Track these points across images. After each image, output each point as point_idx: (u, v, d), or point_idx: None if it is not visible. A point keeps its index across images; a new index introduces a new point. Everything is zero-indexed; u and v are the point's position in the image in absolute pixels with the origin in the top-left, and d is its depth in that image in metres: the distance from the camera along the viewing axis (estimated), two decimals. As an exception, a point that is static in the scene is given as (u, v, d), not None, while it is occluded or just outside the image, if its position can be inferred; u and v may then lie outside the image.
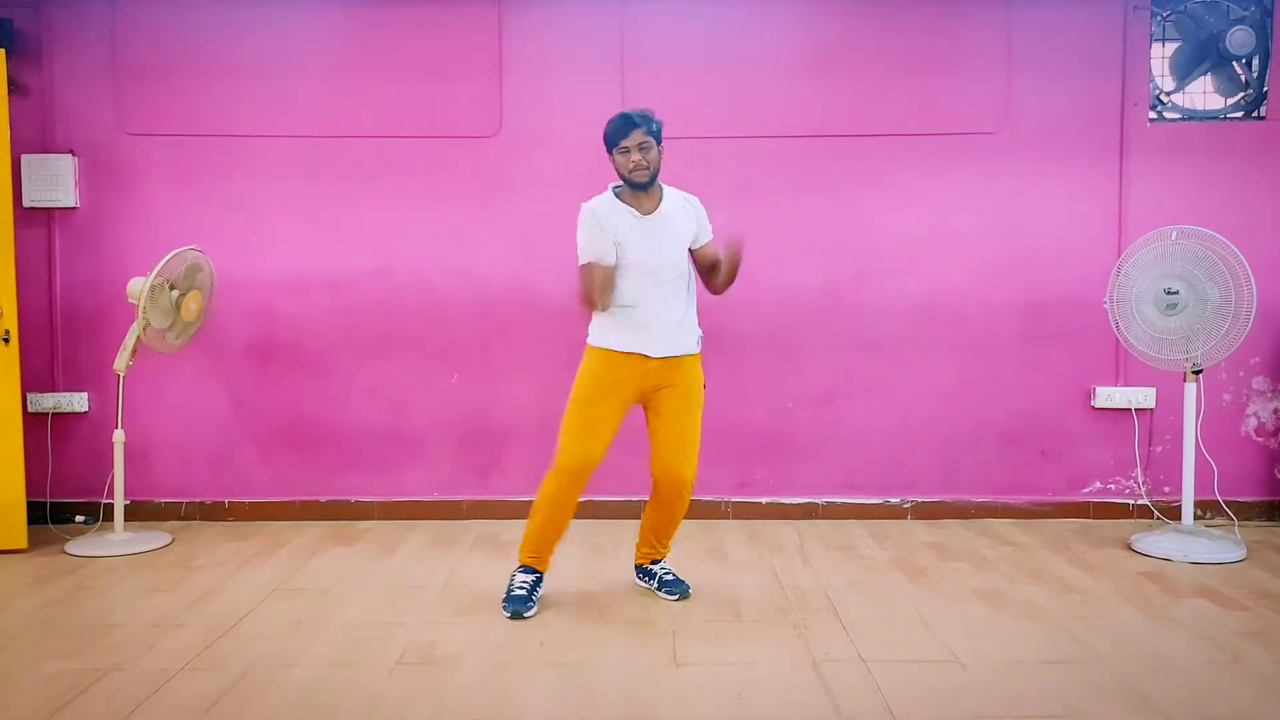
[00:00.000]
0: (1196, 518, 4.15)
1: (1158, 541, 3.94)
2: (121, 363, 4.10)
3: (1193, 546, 3.86)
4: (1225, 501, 4.33)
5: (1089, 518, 4.48)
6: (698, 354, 3.35)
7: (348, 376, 4.50)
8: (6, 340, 3.96)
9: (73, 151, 4.40)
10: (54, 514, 4.42)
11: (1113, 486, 4.51)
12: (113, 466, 4.17)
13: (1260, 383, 4.46)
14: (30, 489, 4.17)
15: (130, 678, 2.73)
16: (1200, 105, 4.47)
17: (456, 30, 4.42)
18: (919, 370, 4.48)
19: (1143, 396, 4.43)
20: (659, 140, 3.16)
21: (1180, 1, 4.39)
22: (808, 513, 4.51)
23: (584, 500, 4.32)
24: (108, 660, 2.85)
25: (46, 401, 4.44)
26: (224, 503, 4.52)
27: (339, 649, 2.94)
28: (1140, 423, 4.47)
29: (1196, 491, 4.07)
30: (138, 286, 3.99)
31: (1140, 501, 4.48)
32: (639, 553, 3.53)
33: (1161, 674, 2.74)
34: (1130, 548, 4.00)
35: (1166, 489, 4.46)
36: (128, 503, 4.28)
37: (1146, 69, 4.42)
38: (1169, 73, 4.45)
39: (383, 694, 2.62)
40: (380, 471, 4.53)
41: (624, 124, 3.12)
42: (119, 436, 4.13)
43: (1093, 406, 4.47)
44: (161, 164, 4.44)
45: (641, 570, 3.54)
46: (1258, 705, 2.55)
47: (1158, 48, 4.45)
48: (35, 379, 4.43)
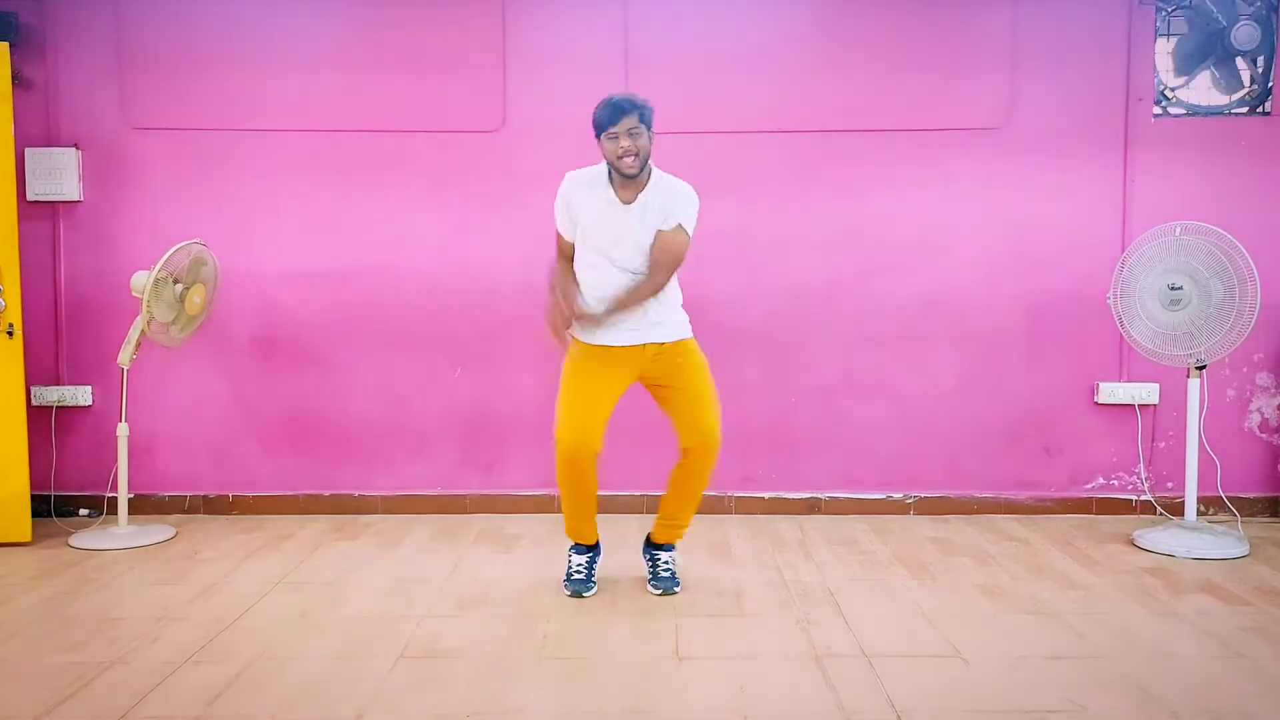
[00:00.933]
0: (1199, 513, 4.15)
1: (1161, 537, 3.94)
2: (125, 356, 4.10)
3: (1196, 542, 3.86)
4: (1228, 497, 4.33)
5: (1092, 513, 4.48)
6: (690, 338, 3.30)
7: (351, 370, 4.50)
8: (11, 334, 3.97)
9: (77, 145, 4.40)
10: (58, 507, 4.43)
11: (1116, 482, 4.50)
12: (116, 460, 4.18)
13: (1264, 379, 4.46)
14: (34, 482, 4.18)
15: (134, 670, 2.74)
16: (1205, 101, 4.45)
17: (461, 24, 4.42)
18: (922, 366, 4.48)
19: (1146, 392, 4.43)
20: (650, 127, 3.10)
21: (1185, -4, 4.39)
22: (811, 508, 4.51)
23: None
24: (111, 653, 2.86)
25: (50, 395, 4.44)
26: (228, 496, 4.53)
27: (342, 642, 2.95)
28: (1143, 418, 4.46)
29: (1200, 487, 4.07)
30: (142, 280, 4.00)
31: (1143, 497, 4.48)
32: (658, 526, 3.45)
33: (1164, 669, 2.74)
34: (1133, 543, 4.00)
35: (1169, 485, 4.46)
36: (131, 496, 4.30)
37: (1151, 64, 4.41)
38: (1172, 66, 4.44)
39: (386, 687, 2.63)
40: (383, 465, 4.53)
41: (615, 109, 3.06)
42: (123, 430, 4.14)
43: (1096, 402, 4.46)
44: (166, 158, 4.44)
45: (650, 547, 3.47)
46: (1260, 700, 2.55)
47: (1162, 42, 4.44)
48: (39, 372, 4.44)
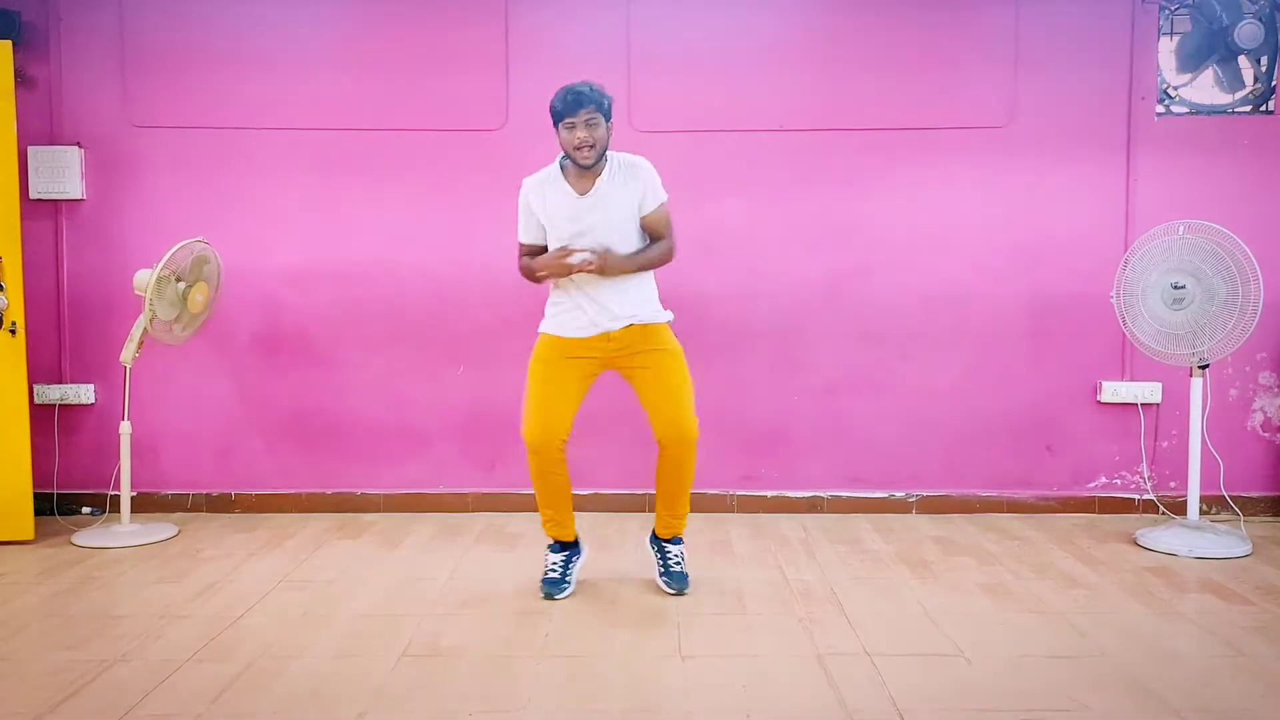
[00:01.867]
0: (1202, 513, 4.14)
1: (1163, 536, 3.94)
2: (128, 355, 4.11)
3: (1198, 541, 3.86)
4: (1231, 497, 4.32)
5: (1094, 512, 4.48)
6: (664, 324, 3.28)
7: (354, 369, 4.50)
8: (14, 332, 3.97)
9: (79, 143, 4.40)
10: (60, 505, 4.44)
11: (1118, 481, 4.50)
12: (119, 458, 4.18)
13: (1267, 378, 4.45)
14: (37, 480, 4.19)
15: (136, 668, 2.74)
16: (1208, 100, 4.45)
17: (463, 23, 4.42)
18: (924, 364, 4.48)
19: (1149, 391, 4.43)
20: (608, 117, 3.09)
21: (1189, -6, 4.38)
22: (813, 506, 4.51)
23: (588, 493, 4.40)
24: (114, 651, 2.86)
25: (53, 393, 4.45)
26: (230, 494, 4.53)
27: (345, 641, 2.96)
28: (1146, 418, 4.46)
29: (1202, 487, 4.06)
30: (144, 278, 4.00)
31: (1146, 496, 4.48)
32: (658, 521, 3.44)
33: (1166, 668, 2.74)
34: (1136, 543, 4.00)
35: (1172, 484, 4.45)
36: (134, 494, 4.30)
37: (1154, 63, 4.41)
38: (1175, 65, 4.43)
39: (388, 685, 2.63)
40: (386, 464, 4.54)
41: (573, 98, 3.03)
42: (125, 428, 4.14)
43: (1099, 401, 4.46)
44: (168, 156, 4.44)
45: (656, 541, 3.47)
46: (1263, 699, 2.55)
47: (1165, 41, 4.43)
48: (42, 371, 4.44)
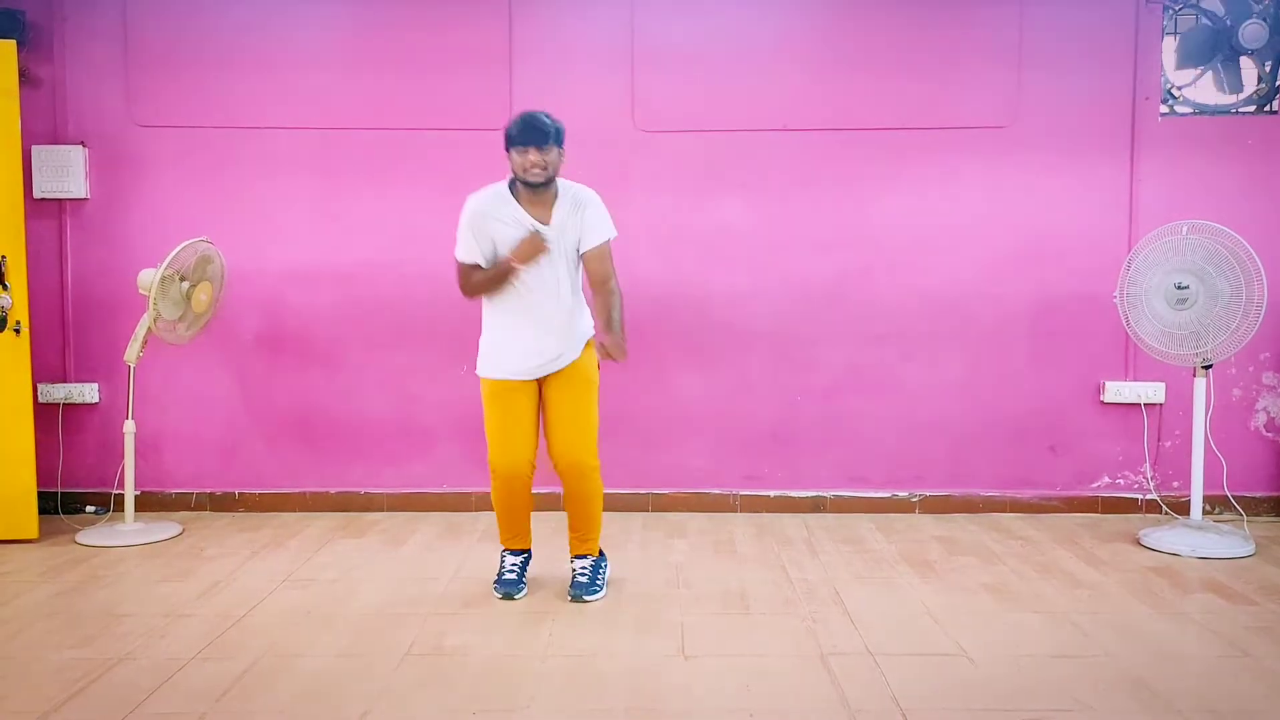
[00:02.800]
0: (1205, 513, 4.14)
1: (1166, 536, 3.94)
2: (132, 354, 4.11)
3: (1201, 541, 3.86)
4: (1234, 497, 4.32)
5: (1097, 512, 4.48)
6: (588, 340, 3.27)
7: (358, 368, 4.51)
8: (18, 331, 3.98)
9: (83, 142, 4.41)
10: (65, 504, 4.45)
11: (1121, 481, 4.50)
12: (123, 457, 4.19)
13: (1270, 378, 4.45)
14: (41, 479, 4.19)
15: (141, 667, 2.75)
16: (1211, 100, 4.44)
17: (467, 22, 4.42)
18: (927, 364, 4.48)
19: (1152, 391, 4.42)
20: (560, 145, 3.10)
21: (1193, -6, 4.38)
22: (816, 506, 4.51)
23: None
24: (118, 649, 2.87)
25: (57, 392, 4.45)
26: (234, 493, 4.54)
27: (348, 640, 2.96)
28: (1149, 418, 4.46)
29: (1205, 487, 4.06)
30: (148, 278, 4.01)
31: (1149, 496, 4.47)
32: (569, 538, 3.40)
33: (1169, 668, 2.74)
34: (1139, 542, 4.00)
35: (1175, 484, 4.45)
36: (138, 493, 4.31)
37: (1158, 63, 4.40)
38: (1179, 65, 4.42)
39: (392, 684, 2.63)
40: (390, 463, 4.54)
41: (532, 131, 3.03)
42: (129, 427, 4.15)
43: (1102, 401, 4.46)
44: (172, 155, 4.45)
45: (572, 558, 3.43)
46: (1266, 700, 2.55)
47: (1169, 41, 4.43)
48: (46, 370, 4.45)
